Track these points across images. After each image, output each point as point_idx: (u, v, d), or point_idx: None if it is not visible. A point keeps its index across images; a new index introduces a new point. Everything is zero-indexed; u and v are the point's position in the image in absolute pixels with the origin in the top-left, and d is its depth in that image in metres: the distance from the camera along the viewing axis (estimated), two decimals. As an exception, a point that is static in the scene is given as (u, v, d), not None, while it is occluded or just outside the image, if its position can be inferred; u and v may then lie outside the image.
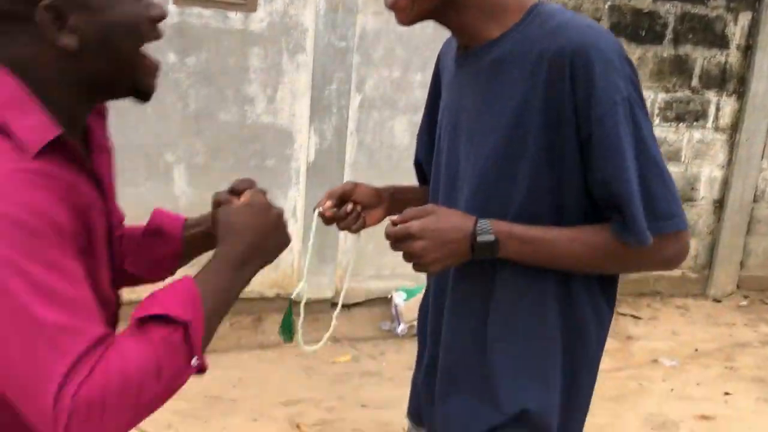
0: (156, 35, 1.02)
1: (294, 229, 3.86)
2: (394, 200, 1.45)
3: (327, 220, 1.37)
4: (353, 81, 3.79)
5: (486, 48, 1.19)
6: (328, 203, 1.36)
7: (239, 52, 3.61)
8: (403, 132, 3.92)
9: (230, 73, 3.63)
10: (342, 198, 1.39)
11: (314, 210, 1.37)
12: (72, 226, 0.89)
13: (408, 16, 1.19)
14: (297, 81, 3.74)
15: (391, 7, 1.19)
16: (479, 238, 1.15)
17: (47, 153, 0.89)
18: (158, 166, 3.66)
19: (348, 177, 3.88)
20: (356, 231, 1.41)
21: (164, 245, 1.30)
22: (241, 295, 1.06)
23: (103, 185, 1.04)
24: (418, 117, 4.06)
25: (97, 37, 0.93)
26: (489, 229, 1.15)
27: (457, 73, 1.27)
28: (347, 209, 1.38)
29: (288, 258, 3.93)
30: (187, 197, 3.73)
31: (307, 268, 1.39)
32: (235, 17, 3.58)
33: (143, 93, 1.04)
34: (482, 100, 1.21)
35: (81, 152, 0.98)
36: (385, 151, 3.94)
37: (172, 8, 3.49)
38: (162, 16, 1.02)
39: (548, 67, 1.11)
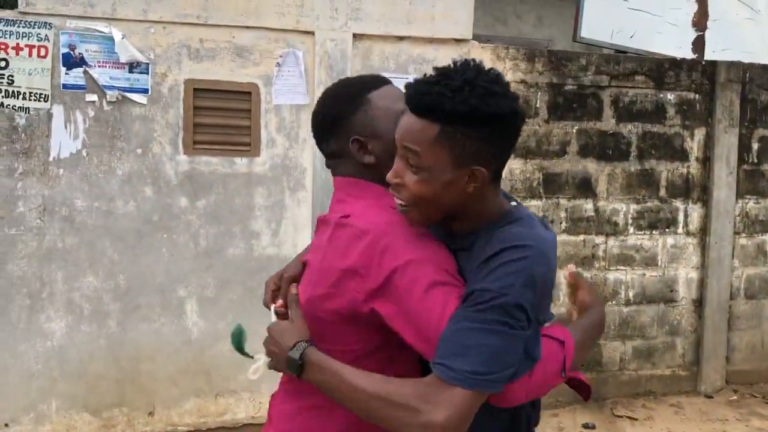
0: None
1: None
2: None
3: (281, 316, 1.47)
4: (350, 212, 4.12)
5: (472, 234, 1.38)
6: (280, 302, 1.50)
7: (245, 192, 3.96)
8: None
9: (237, 212, 3.96)
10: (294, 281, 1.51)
11: (271, 308, 1.51)
12: None
13: (418, 225, 1.37)
14: (298, 215, 4.07)
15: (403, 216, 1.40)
16: (290, 353, 1.33)
17: None
18: (171, 302, 3.91)
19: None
20: None
21: None
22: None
23: None
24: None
25: (385, 152, 1.44)
26: (303, 347, 1.32)
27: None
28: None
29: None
30: (198, 328, 3.95)
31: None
32: (241, 162, 3.95)
33: None
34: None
35: None
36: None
37: (183, 158, 3.87)
38: None
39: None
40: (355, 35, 4.04)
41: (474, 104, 1.22)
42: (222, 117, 3.91)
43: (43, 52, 3.66)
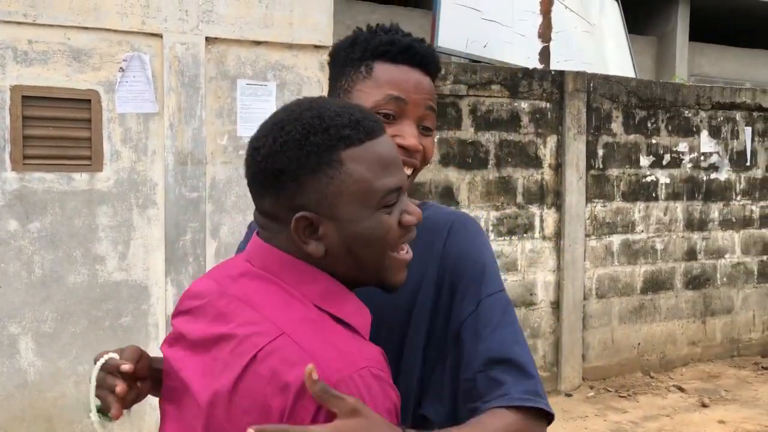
0: (408, 238, 1.05)
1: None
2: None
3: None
4: (207, 229, 3.83)
5: None
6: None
7: (86, 212, 3.55)
8: (262, 273, 3.97)
9: (78, 234, 3.54)
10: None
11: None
12: None
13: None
14: (149, 235, 3.71)
15: None
16: None
17: None
18: (2, 341, 3.41)
19: (210, 325, 3.83)
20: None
21: None
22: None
23: None
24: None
25: (342, 246, 0.99)
26: None
27: None
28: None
29: (152, 418, 3.74)
30: (35, 369, 3.48)
31: None
32: (81, 178, 3.53)
33: (388, 288, 1.07)
34: None
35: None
36: (245, 294, 3.95)
37: (11, 175, 3.39)
38: (413, 223, 1.04)
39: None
40: (207, 39, 3.76)
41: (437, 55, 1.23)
42: (57, 128, 3.48)
43: None
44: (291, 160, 0.97)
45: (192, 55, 3.71)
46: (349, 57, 1.21)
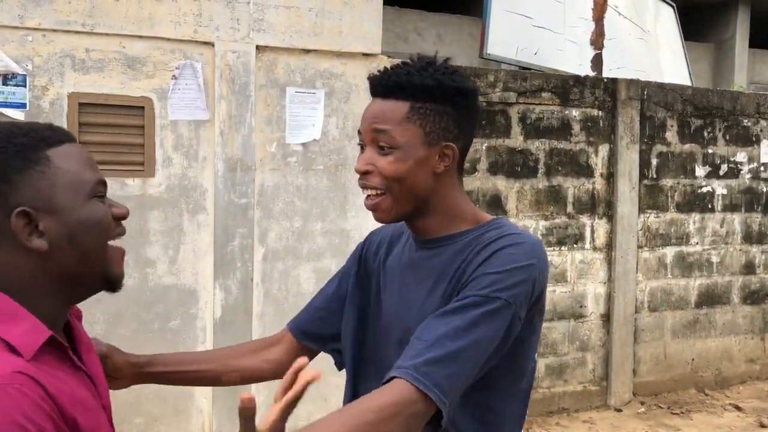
0: (120, 231, 1.13)
1: (202, 390, 3.75)
2: (145, 372, 1.45)
3: None
4: (255, 235, 3.86)
5: (448, 239, 1.33)
6: None
7: (138, 216, 3.61)
8: (308, 279, 3.99)
9: (130, 238, 3.60)
10: None
11: None
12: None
13: (389, 216, 1.32)
14: (199, 240, 3.76)
15: (372, 208, 1.31)
16: None
17: (42, 355, 0.98)
18: (55, 340, 3.50)
19: (256, 328, 3.86)
20: None
21: None
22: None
23: (96, 382, 1.11)
24: (322, 264, 4.14)
25: (64, 237, 1.03)
26: None
27: (413, 257, 1.38)
28: None
29: (198, 420, 3.79)
30: (87, 369, 3.56)
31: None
32: (133, 183, 3.61)
33: (113, 282, 1.12)
34: (438, 285, 1.31)
35: (71, 352, 1.05)
36: (292, 300, 3.97)
37: (67, 179, 3.48)
38: (124, 215, 1.13)
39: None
40: (258, 47, 3.80)
41: (440, 79, 1.28)
42: (112, 134, 3.56)
43: None
44: None
45: (243, 63, 3.76)
46: None
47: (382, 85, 1.30)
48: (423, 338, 1.17)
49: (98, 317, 3.56)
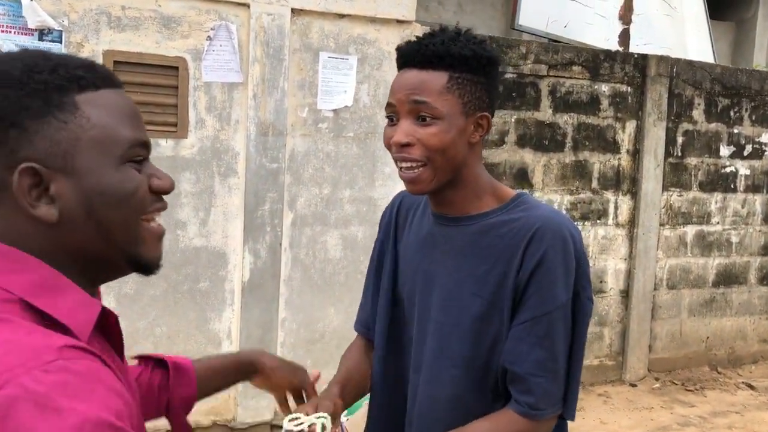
0: (161, 207, 0.92)
1: (229, 350, 3.78)
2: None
3: None
4: (285, 200, 3.86)
5: (472, 219, 1.34)
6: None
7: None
8: (336, 246, 4.00)
9: (162, 198, 3.60)
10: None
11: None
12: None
13: (428, 187, 1.30)
14: (229, 203, 3.76)
15: (411, 181, 1.30)
16: None
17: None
18: (87, 298, 3.52)
19: (283, 292, 3.88)
20: None
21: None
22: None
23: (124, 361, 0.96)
24: (349, 231, 4.14)
25: (81, 207, 0.82)
26: None
27: (434, 232, 1.39)
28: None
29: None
30: (117, 327, 3.58)
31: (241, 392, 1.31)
32: (166, 144, 3.60)
33: (145, 266, 0.92)
34: (463, 264, 1.33)
35: (118, 328, 0.88)
36: (319, 266, 3.98)
37: (101, 138, 3.47)
38: (166, 189, 0.91)
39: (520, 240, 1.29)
40: (293, 10, 3.76)
41: (475, 49, 1.28)
42: (146, 94, 3.54)
43: (-67, 11, 3.16)
44: (10, 101, 0.78)
45: (277, 26, 3.72)
46: None
47: (420, 55, 1.28)
48: (537, 373, 1.29)
49: (129, 277, 3.56)
